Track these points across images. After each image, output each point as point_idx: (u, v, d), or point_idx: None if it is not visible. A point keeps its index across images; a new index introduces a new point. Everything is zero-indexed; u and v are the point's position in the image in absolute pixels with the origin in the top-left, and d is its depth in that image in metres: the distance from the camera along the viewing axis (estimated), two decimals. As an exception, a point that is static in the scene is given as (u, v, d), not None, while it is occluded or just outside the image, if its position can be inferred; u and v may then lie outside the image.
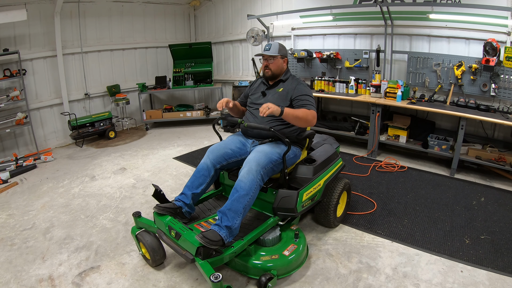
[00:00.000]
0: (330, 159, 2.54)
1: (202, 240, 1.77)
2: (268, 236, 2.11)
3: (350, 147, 4.65)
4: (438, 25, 3.92)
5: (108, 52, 5.60)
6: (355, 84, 4.51)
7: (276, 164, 2.12)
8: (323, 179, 2.40)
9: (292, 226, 2.28)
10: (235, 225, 1.91)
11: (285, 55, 2.41)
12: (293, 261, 2.05)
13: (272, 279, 1.86)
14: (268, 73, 2.38)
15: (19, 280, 2.15)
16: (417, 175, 3.67)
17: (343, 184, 2.60)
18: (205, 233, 1.83)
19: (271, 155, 2.09)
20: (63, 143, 5.19)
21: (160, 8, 6.14)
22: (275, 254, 2.02)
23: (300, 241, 2.15)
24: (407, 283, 2.05)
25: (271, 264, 1.96)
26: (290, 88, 2.32)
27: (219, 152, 2.27)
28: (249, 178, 1.97)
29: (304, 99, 2.25)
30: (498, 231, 2.58)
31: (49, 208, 3.13)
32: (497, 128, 3.82)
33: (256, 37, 5.35)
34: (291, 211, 2.16)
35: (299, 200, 2.16)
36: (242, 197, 1.94)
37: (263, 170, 2.02)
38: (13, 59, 4.35)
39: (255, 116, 2.36)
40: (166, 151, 4.70)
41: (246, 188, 1.95)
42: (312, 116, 2.19)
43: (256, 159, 2.04)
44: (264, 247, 2.09)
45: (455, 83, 3.82)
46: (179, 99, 6.81)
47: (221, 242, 1.84)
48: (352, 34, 4.71)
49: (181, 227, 1.98)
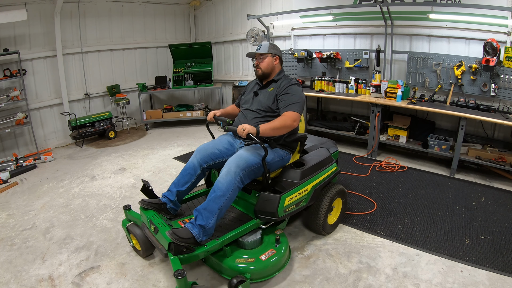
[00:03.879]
0: (322, 164, 2.43)
1: (171, 236, 1.82)
2: (248, 238, 2.08)
3: (350, 147, 4.65)
4: (438, 25, 3.92)
5: (108, 52, 5.60)
6: (355, 84, 4.51)
7: (258, 167, 2.07)
8: (311, 184, 2.30)
9: (277, 230, 2.23)
10: (209, 224, 1.91)
11: (276, 53, 2.35)
12: (269, 267, 1.99)
13: (244, 283, 1.81)
14: (259, 72, 2.35)
15: (19, 280, 2.15)
16: (417, 175, 3.67)
17: (336, 190, 2.49)
18: (176, 230, 1.86)
19: (253, 158, 2.06)
20: (63, 143, 5.19)
21: (160, 8, 6.14)
22: (251, 257, 1.99)
23: (280, 246, 2.09)
24: (407, 283, 2.05)
25: (245, 267, 1.93)
26: (279, 87, 2.27)
27: (207, 152, 2.29)
28: (227, 180, 1.96)
29: (286, 99, 2.18)
30: (498, 231, 2.58)
31: (49, 208, 3.13)
32: (497, 128, 3.82)
33: (256, 37, 5.34)
34: (272, 215, 2.11)
35: (280, 204, 2.09)
36: (218, 198, 1.94)
37: (242, 172, 1.99)
38: (13, 59, 4.35)
39: (245, 117, 2.33)
40: (166, 151, 4.70)
41: (223, 189, 1.94)
42: (291, 119, 2.10)
43: (236, 161, 2.02)
44: (242, 249, 2.07)
45: (455, 83, 3.82)
46: (179, 99, 6.81)
47: (192, 240, 1.86)
48: (352, 34, 4.71)
49: (160, 222, 2.03)
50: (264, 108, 2.27)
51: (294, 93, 2.21)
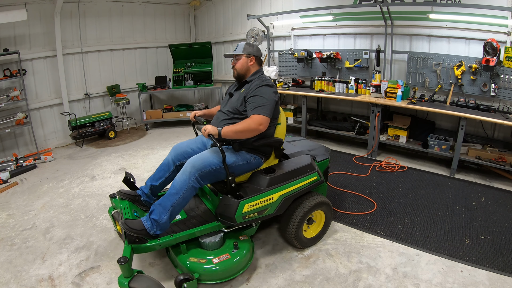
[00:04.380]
0: (298, 172, 2.25)
1: (122, 226, 1.89)
2: (207, 239, 2.08)
3: (350, 147, 4.65)
4: (438, 25, 3.92)
5: (108, 52, 5.59)
6: (355, 84, 4.51)
7: (217, 169, 2.05)
8: (279, 193, 2.15)
9: (241, 236, 2.18)
10: (162, 220, 1.94)
11: (251, 54, 2.26)
12: (219, 271, 1.96)
13: (190, 281, 1.82)
14: (234, 72, 2.32)
15: (19, 280, 2.15)
16: (417, 175, 3.67)
17: (315, 203, 2.31)
18: (129, 220, 1.93)
19: (212, 159, 2.04)
20: (63, 143, 5.19)
21: (160, 8, 6.14)
22: (204, 258, 1.99)
23: (237, 253, 2.04)
24: (407, 283, 2.05)
25: (195, 267, 1.93)
26: (249, 89, 2.17)
27: (180, 150, 2.35)
28: (181, 178, 1.99)
29: (253, 101, 2.08)
30: (498, 231, 2.58)
31: (49, 208, 3.13)
32: (497, 128, 3.82)
33: (256, 37, 5.35)
34: (230, 220, 2.05)
35: (238, 210, 2.02)
36: (172, 195, 1.98)
37: (198, 173, 1.99)
38: (13, 59, 4.35)
39: (217, 118, 2.29)
40: (166, 151, 4.70)
41: (176, 187, 1.98)
42: (255, 123, 2.00)
43: (193, 161, 2.02)
44: (201, 249, 2.08)
45: (455, 83, 3.82)
46: (179, 99, 6.81)
47: (143, 232, 1.91)
48: (352, 34, 4.71)
49: (128, 212, 2.12)
50: (232, 110, 2.21)
51: (263, 95, 2.09)
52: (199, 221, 2.22)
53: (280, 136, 2.35)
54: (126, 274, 1.72)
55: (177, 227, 2.14)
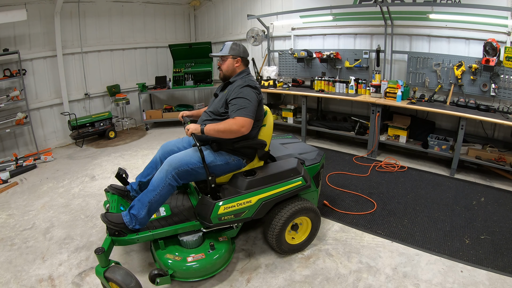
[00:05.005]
0: (280, 176, 2.16)
1: (102, 218, 1.96)
2: (185, 237, 2.10)
3: (350, 147, 4.65)
4: (438, 25, 3.92)
5: (108, 52, 5.59)
6: (355, 84, 4.51)
7: (195, 168, 2.05)
8: (258, 196, 2.08)
9: (221, 237, 2.17)
10: (141, 215, 1.99)
11: (238, 55, 2.23)
12: (192, 270, 1.97)
13: (163, 277, 1.87)
14: (221, 74, 2.29)
15: (19, 280, 2.15)
16: (417, 175, 3.67)
17: (299, 208, 2.21)
18: (109, 214, 2.01)
19: (189, 159, 2.05)
20: (63, 143, 5.19)
21: (160, 8, 6.14)
22: (180, 256, 2.01)
23: (212, 253, 2.03)
24: (407, 283, 2.05)
25: (169, 263, 1.97)
26: (231, 90, 2.15)
27: (167, 148, 2.39)
28: (159, 176, 2.04)
29: (235, 103, 2.05)
30: (498, 231, 2.58)
31: (49, 208, 3.13)
32: (497, 128, 3.82)
33: (256, 37, 5.35)
34: (206, 221, 2.04)
35: (214, 211, 1.99)
36: (150, 192, 2.02)
37: (175, 171, 2.01)
38: (13, 59, 4.35)
39: (202, 119, 2.30)
40: (166, 151, 4.70)
41: (154, 184, 2.03)
42: (238, 125, 1.97)
43: (170, 160, 2.06)
44: (180, 246, 2.11)
45: (455, 83, 3.82)
46: (179, 99, 6.81)
47: (122, 226, 1.97)
48: (352, 34, 4.71)
49: (114, 206, 2.20)
50: (214, 111, 2.21)
51: (245, 96, 2.06)
52: (181, 219, 2.21)
53: (265, 138, 2.28)
54: (102, 264, 1.81)
55: (158, 223, 2.16)
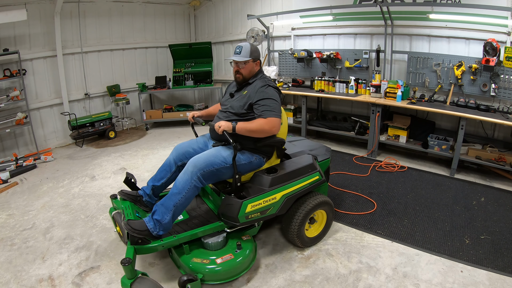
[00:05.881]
0: (300, 172, 2.26)
1: (125, 227, 1.88)
2: (210, 239, 2.08)
3: (350, 147, 4.65)
4: (438, 25, 3.92)
5: (108, 52, 5.59)
6: (355, 84, 4.51)
7: (219, 169, 2.05)
8: (282, 192, 2.16)
9: (244, 236, 2.17)
10: (165, 220, 1.94)
11: (257, 57, 2.26)
12: (222, 271, 1.96)
13: (194, 282, 1.82)
14: (240, 78, 2.25)
15: (19, 280, 2.15)
16: (417, 175, 3.67)
17: (317, 202, 2.32)
18: (132, 221, 1.93)
19: (214, 159, 2.04)
20: (63, 143, 5.19)
21: (160, 8, 6.14)
22: (207, 258, 1.99)
23: (240, 253, 2.04)
24: (407, 283, 2.05)
25: (199, 267, 1.93)
26: (252, 92, 2.16)
27: (182, 150, 2.33)
28: (183, 178, 1.99)
29: (263, 104, 2.08)
30: (498, 231, 2.58)
31: (49, 208, 3.13)
32: (497, 128, 3.82)
33: (256, 37, 5.35)
34: (233, 220, 2.05)
35: (241, 210, 2.02)
36: (174, 195, 1.97)
37: (200, 172, 1.99)
38: (13, 59, 4.35)
39: (219, 118, 2.28)
40: (166, 151, 4.70)
41: (179, 187, 1.98)
42: (269, 125, 2.03)
43: (195, 161, 2.02)
44: (204, 249, 2.08)
45: (455, 83, 3.82)
46: (179, 99, 6.81)
47: (146, 233, 1.91)
48: (352, 34, 4.71)
49: (130, 213, 2.10)
50: (235, 111, 2.20)
51: (271, 97, 2.11)
52: (201, 221, 2.22)
53: (281, 136, 2.34)
54: (129, 275, 1.72)
55: (179, 228, 2.14)
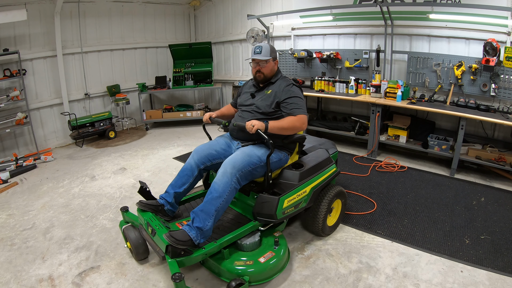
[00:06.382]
0: (321, 165, 2.40)
1: (168, 239, 1.79)
2: (246, 240, 2.06)
3: (350, 147, 4.65)
4: (438, 25, 3.92)
5: (108, 52, 5.60)
6: (355, 84, 4.51)
7: (255, 168, 2.06)
8: (310, 185, 2.27)
9: (276, 232, 2.20)
10: (207, 227, 1.89)
11: (276, 56, 2.35)
12: (268, 269, 1.97)
13: (243, 285, 1.80)
14: (261, 77, 2.30)
15: (19, 280, 2.15)
16: (417, 175, 3.67)
17: (335, 192, 2.47)
18: (173, 232, 1.83)
19: (250, 158, 2.04)
20: (63, 143, 5.19)
21: (160, 8, 6.14)
22: (250, 260, 1.97)
23: (279, 249, 2.07)
24: (407, 283, 2.05)
25: (244, 270, 1.91)
26: (278, 90, 2.23)
27: (204, 152, 2.26)
28: (223, 181, 1.94)
29: (291, 102, 2.17)
30: (498, 231, 2.58)
31: (49, 208, 3.13)
32: (497, 128, 3.82)
33: (256, 37, 5.35)
34: (270, 217, 2.08)
35: (279, 206, 2.06)
36: (215, 199, 1.92)
37: (239, 173, 1.98)
38: (13, 59, 4.35)
39: (243, 117, 2.30)
40: (166, 151, 4.70)
41: (219, 190, 1.92)
42: (300, 122, 2.12)
43: (232, 162, 2.00)
44: (241, 251, 2.05)
45: (455, 83, 3.82)
46: (179, 99, 6.81)
47: (189, 243, 1.83)
48: (352, 34, 4.71)
49: (158, 224, 2.00)
50: (263, 110, 2.24)
51: (297, 95, 2.22)
52: (232, 224, 2.19)
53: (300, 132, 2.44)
54: None
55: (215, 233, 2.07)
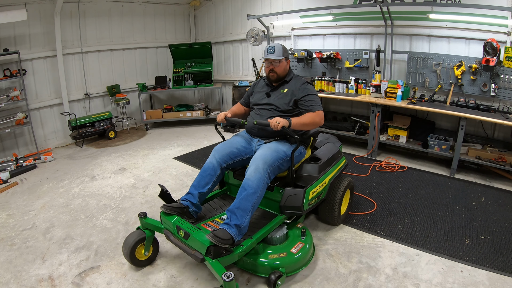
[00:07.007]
0: (334, 158, 2.58)
1: (213, 239, 1.77)
2: (276, 234, 2.13)
3: (350, 147, 4.65)
4: (438, 25, 3.92)
5: (108, 52, 5.60)
6: (355, 84, 4.51)
7: (282, 162, 2.15)
8: (328, 177, 2.43)
9: (298, 224, 2.31)
10: (244, 223, 1.93)
11: (288, 56, 2.43)
12: (301, 259, 2.08)
13: (281, 277, 1.89)
14: (274, 76, 2.38)
15: (19, 280, 2.15)
16: (417, 175, 3.67)
17: (347, 182, 2.65)
18: (215, 232, 1.83)
19: (278, 153, 2.12)
20: (63, 143, 5.19)
21: (160, 8, 6.15)
22: (283, 252, 2.05)
23: (307, 239, 2.18)
24: (407, 283, 2.05)
25: (279, 262, 1.99)
26: (295, 88, 2.34)
27: (225, 151, 2.27)
28: (256, 177, 1.99)
29: (309, 99, 2.29)
30: (498, 231, 2.58)
31: (49, 208, 3.13)
32: (497, 128, 3.82)
33: (256, 37, 5.35)
34: (297, 209, 2.19)
35: (305, 198, 2.18)
36: (250, 196, 1.96)
37: (269, 168, 2.05)
38: (13, 59, 4.35)
39: (261, 116, 2.37)
40: (166, 151, 4.70)
41: (254, 186, 1.96)
42: (319, 117, 2.24)
43: (263, 157, 2.06)
44: (271, 245, 2.11)
45: (455, 83, 3.82)
46: (179, 99, 6.81)
47: (231, 241, 1.84)
48: (352, 34, 4.71)
49: (190, 227, 1.99)
50: (281, 108, 2.32)
51: (313, 92, 2.33)
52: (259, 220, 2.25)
53: None
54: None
55: None
